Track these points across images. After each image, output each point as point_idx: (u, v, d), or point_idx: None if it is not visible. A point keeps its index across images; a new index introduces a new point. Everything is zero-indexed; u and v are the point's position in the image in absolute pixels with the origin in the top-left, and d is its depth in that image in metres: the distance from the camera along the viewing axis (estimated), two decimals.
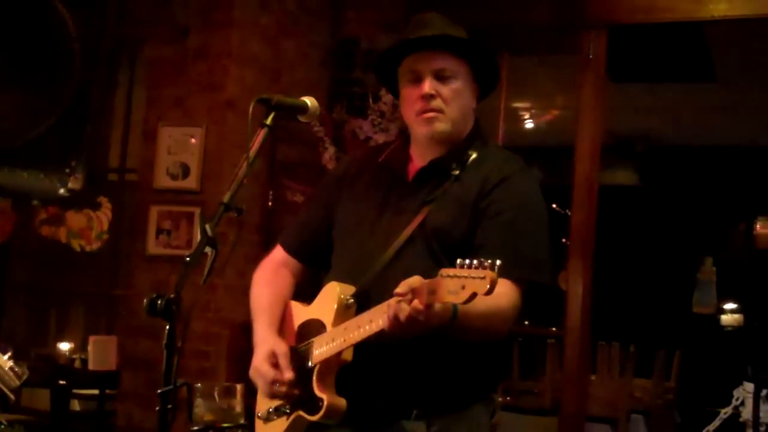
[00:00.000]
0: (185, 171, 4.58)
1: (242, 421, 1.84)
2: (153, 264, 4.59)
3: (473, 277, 1.70)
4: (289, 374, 2.10)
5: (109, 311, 5.80)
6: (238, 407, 1.84)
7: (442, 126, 2.19)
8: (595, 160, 4.77)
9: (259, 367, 2.13)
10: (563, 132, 6.01)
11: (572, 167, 4.81)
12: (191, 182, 4.56)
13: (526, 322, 8.51)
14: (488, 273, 1.70)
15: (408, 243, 2.13)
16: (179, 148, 4.60)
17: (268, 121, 2.04)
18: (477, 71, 2.26)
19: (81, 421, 5.53)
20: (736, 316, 9.45)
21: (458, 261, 1.74)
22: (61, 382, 5.15)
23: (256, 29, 4.64)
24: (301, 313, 2.26)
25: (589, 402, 5.16)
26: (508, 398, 6.75)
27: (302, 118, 2.15)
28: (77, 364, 5.42)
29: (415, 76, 2.21)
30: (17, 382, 2.99)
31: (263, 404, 2.19)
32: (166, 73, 4.70)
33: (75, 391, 5.35)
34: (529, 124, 8.75)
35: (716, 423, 4.81)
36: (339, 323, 2.07)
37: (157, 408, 1.74)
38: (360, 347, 2.03)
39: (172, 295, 1.75)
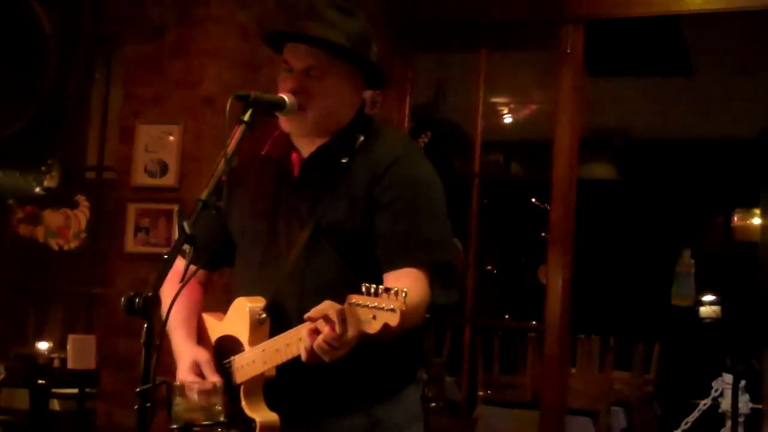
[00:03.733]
0: (163, 168, 4.56)
1: (222, 419, 1.83)
2: (131, 262, 4.56)
3: (383, 308, 1.69)
4: (215, 378, 2.07)
5: (87, 310, 5.78)
6: (218, 405, 1.82)
7: (302, 124, 2.12)
8: (573, 155, 4.79)
9: (184, 379, 2.08)
10: (542, 127, 6.02)
11: (551, 162, 4.82)
12: (169, 180, 4.54)
13: (507, 316, 8.55)
14: (398, 303, 1.68)
15: (310, 245, 2.08)
16: (157, 146, 4.57)
17: (246, 117, 2.03)
18: (362, 65, 2.16)
19: (60, 420, 5.49)
20: (715, 307, 9.52)
21: (363, 286, 1.72)
22: (40, 381, 5.12)
23: (233, 26, 4.62)
24: (215, 328, 2.21)
25: (570, 395, 5.19)
26: (488, 392, 6.77)
27: (280, 114, 2.14)
28: (56, 363, 5.39)
29: (287, 67, 2.15)
30: None
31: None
32: (142, 70, 4.67)
33: (54, 390, 5.32)
34: (507, 119, 8.77)
35: (695, 414, 4.84)
36: (255, 340, 2.04)
37: (136, 407, 1.73)
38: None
39: (150, 294, 1.74)
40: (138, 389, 1.73)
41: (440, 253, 2.10)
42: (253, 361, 2.02)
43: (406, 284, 1.89)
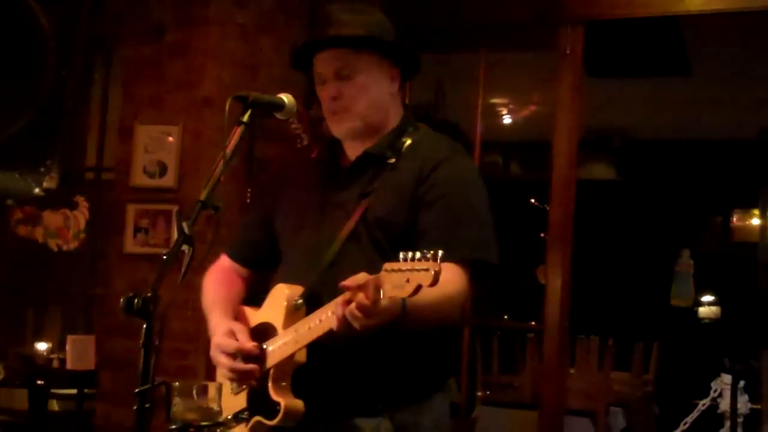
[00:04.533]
0: (162, 169, 4.56)
1: (221, 420, 1.83)
2: (130, 263, 4.57)
3: (417, 270, 1.70)
4: (250, 344, 2.09)
5: (86, 310, 5.78)
6: (217, 406, 1.83)
7: (350, 124, 2.18)
8: (572, 155, 4.78)
9: (220, 342, 2.12)
10: (541, 127, 6.03)
11: (550, 162, 4.82)
12: (168, 180, 4.54)
13: (506, 317, 8.54)
14: (431, 264, 1.69)
15: (351, 238, 2.11)
16: (156, 147, 4.57)
17: (245, 118, 2.03)
18: (392, 55, 2.23)
19: (59, 421, 5.49)
20: (714, 308, 9.52)
21: (401, 254, 1.73)
22: (39, 382, 5.12)
23: (232, 27, 4.62)
24: (252, 317, 2.24)
25: (569, 395, 5.19)
26: (487, 392, 6.78)
27: (279, 115, 2.14)
28: (55, 363, 5.40)
29: (320, 79, 2.20)
30: None
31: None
32: (142, 71, 4.68)
33: (53, 390, 5.32)
34: (506, 120, 8.76)
35: (694, 415, 4.84)
36: (289, 325, 2.06)
37: (135, 407, 1.73)
38: (315, 347, 2.02)
39: (149, 294, 1.75)
40: (137, 390, 1.73)
41: (481, 251, 2.11)
42: (285, 342, 2.04)
43: (448, 277, 1.92)
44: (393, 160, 2.17)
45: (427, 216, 2.10)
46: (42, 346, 5.60)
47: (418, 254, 1.71)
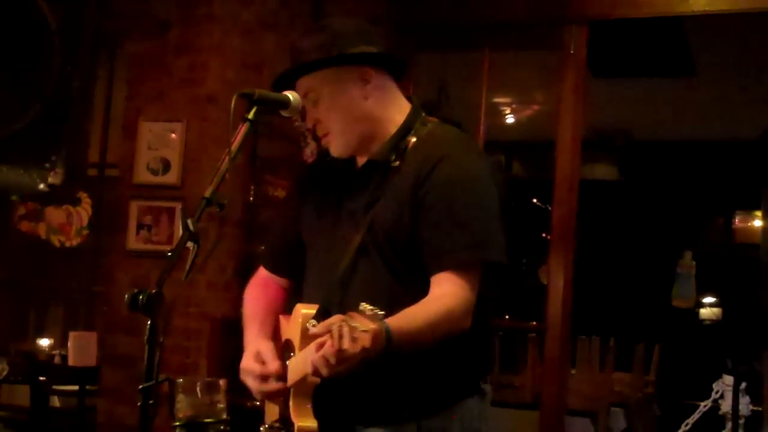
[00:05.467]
0: (166, 166, 4.56)
1: (225, 417, 1.83)
2: (133, 259, 4.57)
3: (360, 329, 1.68)
4: (274, 365, 2.08)
5: (89, 307, 5.78)
6: (221, 403, 1.83)
7: (337, 144, 2.15)
8: (575, 155, 4.79)
9: (246, 365, 2.11)
10: (544, 127, 6.02)
11: (553, 162, 4.82)
12: (172, 177, 4.55)
13: (507, 317, 8.55)
14: (370, 326, 1.68)
15: (360, 252, 2.07)
16: (160, 143, 4.58)
17: (251, 115, 2.02)
18: (350, 61, 2.13)
19: (61, 417, 5.49)
20: (715, 309, 9.52)
21: (361, 305, 1.72)
22: (41, 378, 5.12)
23: (236, 24, 4.62)
24: (284, 331, 2.24)
25: (570, 396, 5.19)
26: None
27: (284, 113, 2.13)
28: (57, 360, 5.39)
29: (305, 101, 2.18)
30: None
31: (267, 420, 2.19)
32: (146, 67, 4.68)
33: (55, 387, 5.32)
34: (510, 119, 8.76)
35: (696, 416, 4.84)
36: (304, 346, 2.01)
37: (139, 404, 1.73)
38: None
39: (153, 291, 1.74)
40: (141, 386, 1.73)
41: (481, 252, 2.02)
42: (298, 364, 2.02)
43: (446, 290, 1.93)
44: (397, 163, 2.10)
45: (425, 222, 2.03)
46: (44, 343, 5.60)
47: (368, 308, 1.70)
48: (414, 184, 2.04)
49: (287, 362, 2.10)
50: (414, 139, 2.12)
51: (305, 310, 2.08)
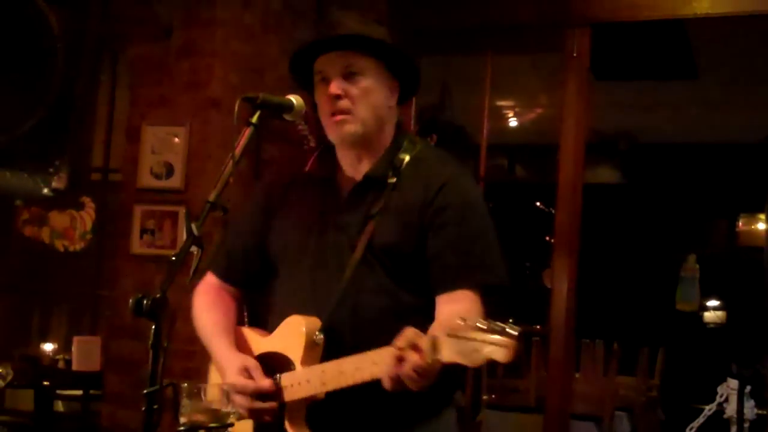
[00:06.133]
0: (169, 170, 4.56)
1: (229, 422, 1.83)
2: (137, 264, 4.57)
3: (491, 345, 1.65)
4: (266, 383, 2.05)
5: (92, 312, 5.78)
6: (226, 407, 1.82)
7: (351, 128, 2.12)
8: (579, 158, 4.78)
9: (237, 382, 2.06)
10: (547, 130, 6.02)
11: (556, 165, 4.82)
12: (175, 182, 4.54)
13: (511, 320, 8.52)
14: (508, 342, 1.64)
15: (362, 265, 2.07)
16: (163, 148, 4.58)
17: (254, 119, 2.02)
18: (395, 70, 2.20)
19: (65, 421, 5.50)
20: (719, 313, 9.49)
21: (460, 318, 1.69)
22: (45, 382, 5.13)
23: (239, 27, 4.62)
24: (259, 344, 2.19)
25: (574, 400, 5.18)
26: (493, 396, 6.76)
27: (288, 117, 2.13)
28: (61, 364, 5.39)
29: (322, 77, 2.15)
30: (2, 383, 2.97)
31: None
32: (149, 72, 4.68)
33: (59, 391, 5.33)
34: (513, 123, 8.76)
35: (700, 420, 4.82)
36: (308, 361, 2.03)
37: (143, 408, 1.73)
38: None
39: (158, 295, 1.74)
40: (145, 391, 1.73)
41: (493, 275, 2.10)
42: (308, 381, 2.00)
43: (464, 307, 1.95)
44: (394, 180, 2.13)
45: (436, 242, 2.08)
46: (48, 347, 5.60)
47: (484, 322, 1.67)
48: (421, 206, 2.09)
49: (281, 377, 2.06)
50: (407, 158, 2.17)
51: (308, 323, 2.05)
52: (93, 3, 4.83)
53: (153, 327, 1.74)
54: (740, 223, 9.35)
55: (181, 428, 1.78)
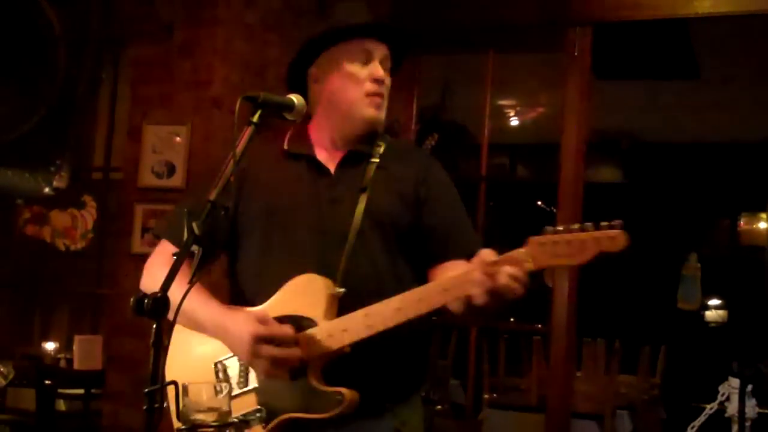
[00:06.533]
0: (170, 169, 4.56)
1: (230, 420, 1.83)
2: (138, 263, 4.52)
3: (601, 238, 1.76)
4: (290, 329, 2.01)
5: (94, 310, 5.78)
6: (226, 406, 1.82)
7: (383, 115, 2.25)
8: (580, 158, 4.78)
9: (258, 331, 1.98)
10: (548, 129, 6.02)
11: (558, 165, 4.81)
12: (176, 181, 4.55)
13: (512, 319, 8.53)
14: (616, 233, 1.78)
15: (362, 233, 2.14)
16: (164, 147, 4.58)
17: (255, 118, 2.02)
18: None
19: (67, 420, 5.49)
20: (720, 312, 9.49)
21: (554, 227, 1.84)
22: (47, 381, 5.12)
23: (241, 27, 4.63)
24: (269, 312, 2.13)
25: (575, 398, 5.18)
26: (494, 395, 6.76)
27: (288, 116, 2.13)
28: (62, 363, 5.40)
29: (366, 57, 2.22)
30: (3, 382, 2.98)
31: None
32: (150, 71, 4.68)
33: (60, 390, 5.32)
34: (514, 122, 8.76)
35: (702, 419, 4.82)
36: (331, 315, 2.04)
37: (145, 407, 1.73)
38: None
39: (159, 294, 1.74)
40: (146, 389, 1.72)
41: (478, 245, 2.15)
42: (345, 330, 2.01)
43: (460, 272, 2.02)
44: (377, 160, 2.24)
45: (432, 214, 2.23)
46: (49, 346, 5.60)
47: (591, 225, 1.80)
48: (415, 183, 2.23)
49: (307, 332, 2.04)
50: (383, 145, 2.28)
51: (323, 280, 2.07)
52: (94, 2, 4.84)
53: (154, 326, 1.74)
54: (742, 222, 9.35)
55: (182, 427, 1.78)
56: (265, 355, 1.99)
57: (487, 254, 1.91)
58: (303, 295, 2.08)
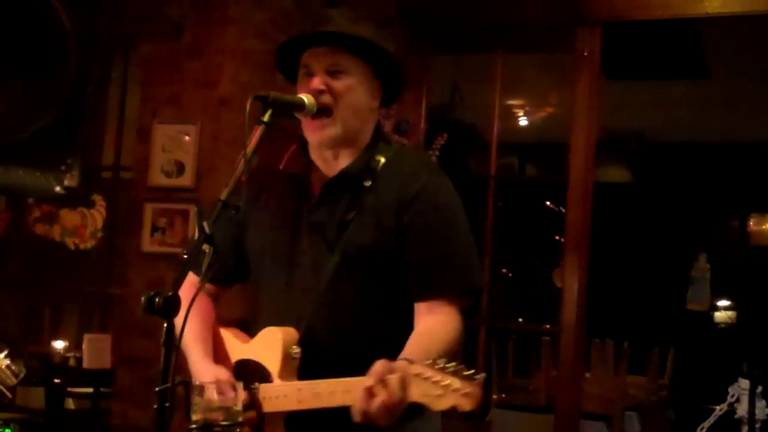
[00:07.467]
0: (180, 168, 4.57)
1: (241, 419, 1.83)
2: (148, 262, 4.58)
3: (455, 390, 1.66)
4: (243, 395, 1.98)
5: (103, 309, 5.80)
6: (237, 405, 1.82)
7: (331, 132, 2.10)
8: (589, 158, 4.77)
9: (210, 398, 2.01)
10: (558, 129, 6.01)
11: (567, 164, 4.81)
12: (186, 180, 4.56)
13: (521, 319, 8.52)
14: (473, 389, 1.66)
15: (338, 273, 2.06)
16: (174, 146, 4.59)
17: (266, 118, 2.01)
18: (380, 72, 2.17)
19: (76, 419, 5.52)
20: (730, 313, 9.46)
21: (431, 360, 1.71)
22: (56, 380, 5.14)
23: (250, 26, 4.63)
24: (237, 349, 2.18)
25: (584, 399, 5.17)
26: (502, 395, 6.76)
27: (298, 115, 2.12)
28: (72, 362, 5.42)
29: (307, 71, 2.13)
30: (14, 381, 2.97)
31: None
32: (160, 70, 4.69)
33: (69, 389, 5.34)
34: (523, 122, 8.75)
35: (711, 420, 4.81)
36: (285, 374, 2.01)
37: (155, 406, 1.73)
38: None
39: (170, 293, 1.74)
40: (157, 388, 1.72)
41: (471, 279, 2.12)
42: (285, 396, 1.99)
43: (441, 320, 2.00)
44: (369, 183, 2.11)
45: (414, 249, 2.08)
46: (59, 345, 5.62)
47: (451, 365, 1.69)
48: (397, 209, 2.08)
49: (259, 386, 2.04)
50: (383, 160, 2.15)
51: (285, 336, 2.04)
52: (105, 1, 4.84)
53: (165, 325, 1.74)
54: (751, 223, 9.33)
55: (193, 426, 1.78)
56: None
57: (375, 371, 1.77)
58: (267, 347, 2.08)
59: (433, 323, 2.03)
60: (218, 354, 2.21)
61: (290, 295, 2.12)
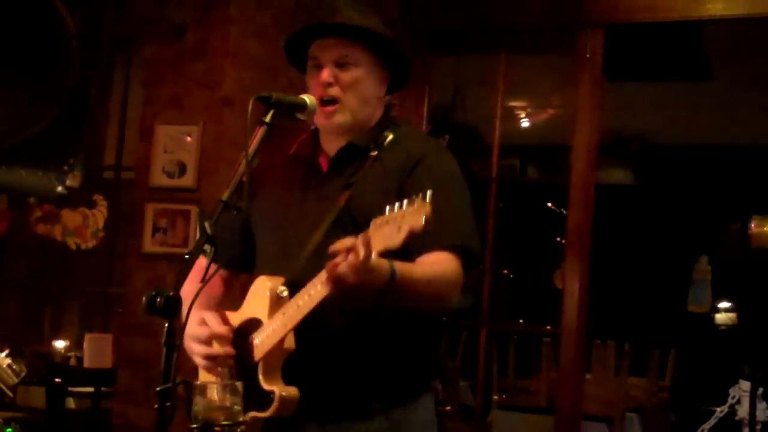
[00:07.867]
0: (181, 169, 4.58)
1: (242, 419, 1.83)
2: (149, 262, 4.58)
3: (407, 215, 1.68)
4: (221, 328, 2.07)
5: (104, 309, 5.80)
6: (238, 405, 1.82)
7: (340, 118, 2.16)
8: (591, 160, 4.77)
9: (190, 331, 2.07)
10: (560, 131, 6.01)
11: (568, 166, 4.81)
12: (187, 180, 4.56)
13: (522, 321, 8.52)
14: (420, 204, 1.67)
15: (334, 227, 2.08)
16: (175, 146, 4.59)
17: (268, 118, 2.03)
18: (386, 60, 2.23)
19: (76, 419, 5.52)
20: (731, 314, 9.47)
21: (387, 207, 1.73)
22: (57, 379, 5.15)
23: (253, 27, 4.63)
24: (233, 319, 2.19)
25: (585, 401, 5.17)
26: (503, 396, 6.76)
27: (301, 116, 2.14)
28: (72, 362, 5.42)
29: (316, 63, 2.18)
30: (15, 380, 2.98)
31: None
32: (162, 71, 4.69)
33: (70, 389, 5.34)
34: (525, 123, 8.75)
35: (712, 421, 4.82)
36: (275, 314, 2.03)
37: (156, 406, 1.73)
38: (305, 336, 2.01)
39: (171, 293, 1.74)
40: (158, 388, 1.73)
41: (468, 240, 2.12)
42: (273, 329, 2.01)
43: (441, 259, 1.99)
44: (375, 153, 2.17)
45: None
46: (60, 344, 5.62)
47: (405, 201, 1.70)
48: (401, 174, 2.13)
49: (253, 336, 2.07)
50: (391, 135, 2.21)
51: (271, 281, 2.07)
52: (108, 3, 4.85)
53: (166, 325, 1.75)
54: (752, 225, 9.31)
55: (194, 426, 1.78)
56: (196, 353, 2.10)
57: (340, 242, 1.81)
58: (256, 298, 2.11)
59: (429, 258, 2.04)
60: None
61: (285, 253, 2.15)
